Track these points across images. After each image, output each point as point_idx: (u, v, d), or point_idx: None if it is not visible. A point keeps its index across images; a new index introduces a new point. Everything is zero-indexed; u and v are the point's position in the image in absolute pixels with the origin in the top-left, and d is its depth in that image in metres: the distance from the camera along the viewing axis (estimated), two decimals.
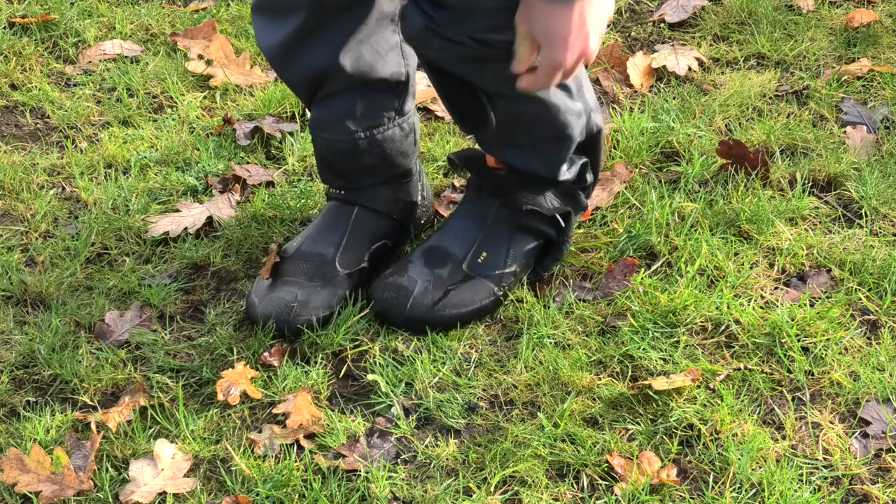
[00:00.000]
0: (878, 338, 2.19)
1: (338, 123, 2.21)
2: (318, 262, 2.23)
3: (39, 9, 3.08)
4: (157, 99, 2.83)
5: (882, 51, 2.87)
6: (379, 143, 2.23)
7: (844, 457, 1.99)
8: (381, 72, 2.17)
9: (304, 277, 2.22)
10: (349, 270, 2.23)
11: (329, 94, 2.19)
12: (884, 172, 2.51)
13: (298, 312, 2.18)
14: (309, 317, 2.18)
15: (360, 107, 2.20)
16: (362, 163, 2.24)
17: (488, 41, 1.95)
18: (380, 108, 2.21)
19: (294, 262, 2.24)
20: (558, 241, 2.27)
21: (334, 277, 2.22)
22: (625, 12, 3.06)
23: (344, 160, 2.25)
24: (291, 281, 2.21)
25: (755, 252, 2.35)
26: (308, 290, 2.20)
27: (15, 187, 2.57)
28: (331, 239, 2.26)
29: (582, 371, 2.12)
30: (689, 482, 1.97)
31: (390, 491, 1.96)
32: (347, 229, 2.26)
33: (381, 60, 2.17)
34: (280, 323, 2.17)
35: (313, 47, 2.13)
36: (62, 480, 1.97)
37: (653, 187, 2.47)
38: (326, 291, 2.21)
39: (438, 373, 2.13)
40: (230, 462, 2.01)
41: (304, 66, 2.16)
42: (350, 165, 2.25)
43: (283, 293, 2.20)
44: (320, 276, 2.22)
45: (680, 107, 2.70)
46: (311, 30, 2.12)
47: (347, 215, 2.27)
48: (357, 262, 2.25)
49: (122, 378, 2.15)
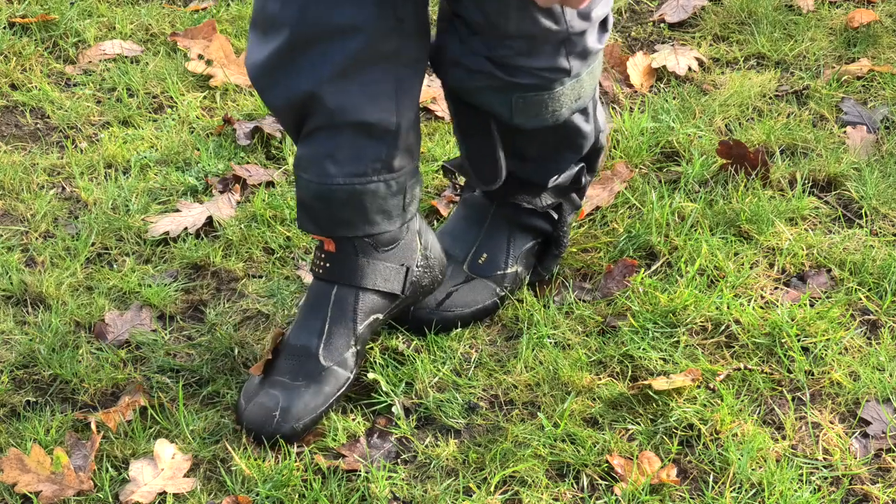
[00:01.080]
0: (878, 338, 2.19)
1: (317, 163, 2.03)
2: (303, 356, 2.07)
3: (39, 9, 3.08)
4: (157, 99, 2.83)
5: (882, 51, 2.87)
6: (359, 194, 2.03)
7: (844, 457, 1.99)
8: (366, 115, 1.99)
9: (289, 376, 2.06)
10: (335, 362, 2.07)
11: (313, 128, 2.02)
12: (884, 172, 2.51)
13: (281, 422, 2.02)
14: (290, 426, 2.02)
15: (343, 150, 2.02)
16: (338, 213, 2.06)
17: (518, 66, 1.94)
18: (364, 155, 2.02)
19: (282, 358, 2.09)
20: (555, 235, 2.26)
21: (319, 374, 2.06)
22: (625, 12, 3.06)
23: (320, 205, 2.05)
24: (277, 381, 2.06)
25: (755, 252, 2.35)
26: (292, 394, 2.04)
27: (15, 187, 2.57)
28: (313, 327, 2.08)
29: (582, 371, 2.12)
30: (689, 482, 1.97)
31: (390, 491, 1.96)
32: (328, 314, 2.08)
33: (368, 103, 1.99)
34: (261, 433, 2.02)
35: (296, 71, 1.97)
36: (62, 480, 1.97)
37: (653, 187, 2.47)
38: (310, 392, 2.05)
39: (438, 373, 2.13)
40: (230, 462, 2.01)
41: (285, 90, 1.99)
42: (326, 212, 2.06)
43: (267, 398, 2.04)
44: (304, 374, 2.06)
45: (680, 107, 2.70)
46: (294, 51, 1.96)
47: (326, 297, 2.09)
48: (344, 348, 2.08)
49: (121, 378, 2.15)
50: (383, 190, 2.04)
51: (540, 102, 2.05)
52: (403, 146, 2.04)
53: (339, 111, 1.98)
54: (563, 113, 2.08)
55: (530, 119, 2.07)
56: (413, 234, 2.12)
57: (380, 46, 1.97)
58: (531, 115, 2.07)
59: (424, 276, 2.15)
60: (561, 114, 2.08)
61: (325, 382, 2.06)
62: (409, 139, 2.04)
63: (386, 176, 2.04)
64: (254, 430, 2.03)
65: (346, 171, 2.02)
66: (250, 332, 2.23)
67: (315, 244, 2.25)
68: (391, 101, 2.00)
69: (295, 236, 2.42)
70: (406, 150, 2.05)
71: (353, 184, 2.03)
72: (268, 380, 2.07)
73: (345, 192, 2.03)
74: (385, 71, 1.98)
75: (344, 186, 2.03)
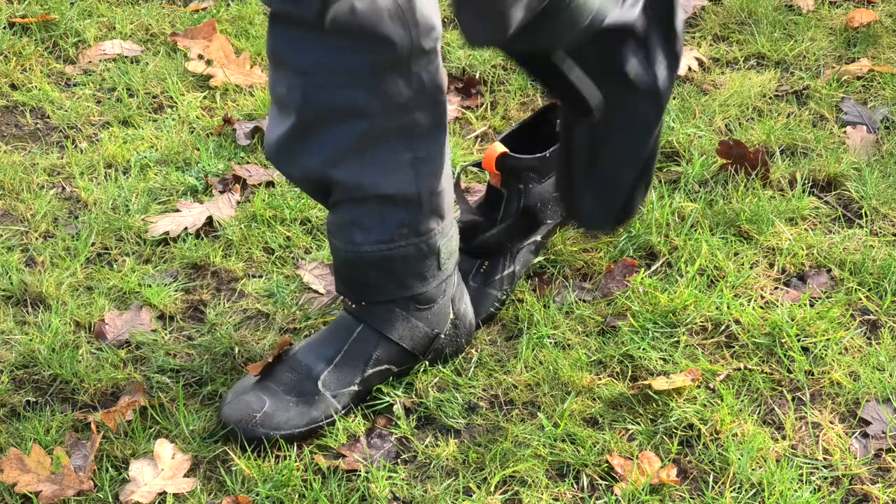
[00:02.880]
0: (878, 338, 2.19)
1: (344, 231, 2.02)
2: (304, 374, 2.05)
3: (39, 9, 3.08)
4: (157, 99, 2.83)
5: (882, 51, 2.87)
6: (388, 259, 2.02)
7: (844, 457, 1.99)
8: (385, 188, 1.98)
9: (284, 388, 2.04)
10: (333, 392, 2.05)
11: (336, 201, 2.01)
12: (884, 172, 2.51)
13: (259, 423, 2.01)
14: (267, 432, 2.00)
15: (368, 218, 2.00)
16: (369, 278, 2.04)
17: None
18: (390, 222, 2.01)
19: (282, 368, 2.07)
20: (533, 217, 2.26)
21: (312, 396, 2.04)
22: None
23: (350, 271, 2.05)
24: (270, 387, 2.05)
25: (755, 252, 2.35)
26: (279, 403, 2.03)
27: (15, 187, 2.57)
28: (325, 353, 2.07)
29: (582, 371, 2.12)
30: (689, 482, 1.97)
31: (390, 491, 1.96)
32: (344, 347, 2.07)
33: (384, 177, 1.98)
34: (238, 429, 2.01)
35: (308, 151, 1.97)
36: (62, 480, 1.97)
37: (653, 187, 2.47)
38: (297, 410, 2.03)
39: (439, 372, 2.13)
40: (230, 462, 2.01)
41: (301, 168, 2.00)
42: (356, 277, 2.05)
43: (254, 399, 2.03)
44: (297, 391, 2.04)
45: (680, 107, 2.70)
46: (304, 132, 1.96)
47: (349, 331, 2.07)
48: (345, 384, 2.06)
49: (121, 378, 2.15)
50: (413, 253, 2.03)
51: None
52: (429, 210, 2.02)
53: (357, 187, 1.98)
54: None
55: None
56: (447, 300, 2.11)
57: (388, 124, 1.95)
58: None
59: (449, 344, 2.13)
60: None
61: (315, 407, 2.04)
62: (435, 202, 2.02)
63: (414, 240, 2.02)
64: (230, 425, 2.02)
65: (373, 238, 2.01)
66: (250, 332, 2.23)
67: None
68: (409, 172, 1.98)
69: (295, 236, 2.42)
70: (433, 212, 2.02)
71: (381, 250, 2.02)
72: (261, 384, 2.06)
73: (373, 258, 2.02)
74: (397, 145, 1.97)
75: (372, 253, 2.02)
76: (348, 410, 2.07)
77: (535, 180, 2.23)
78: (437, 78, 1.97)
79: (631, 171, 2.02)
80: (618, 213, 2.06)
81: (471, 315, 2.16)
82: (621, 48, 1.92)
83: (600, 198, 2.04)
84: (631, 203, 2.04)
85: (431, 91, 1.96)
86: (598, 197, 2.04)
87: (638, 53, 1.95)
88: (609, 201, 2.04)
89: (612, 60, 1.93)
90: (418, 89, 1.94)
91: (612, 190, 2.03)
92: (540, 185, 2.24)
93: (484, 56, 2.86)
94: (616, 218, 2.07)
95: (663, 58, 1.97)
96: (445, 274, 2.08)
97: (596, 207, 2.05)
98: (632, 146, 2.00)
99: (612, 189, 2.03)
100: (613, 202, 2.04)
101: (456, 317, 2.12)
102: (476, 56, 2.86)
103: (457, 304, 2.13)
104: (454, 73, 2.85)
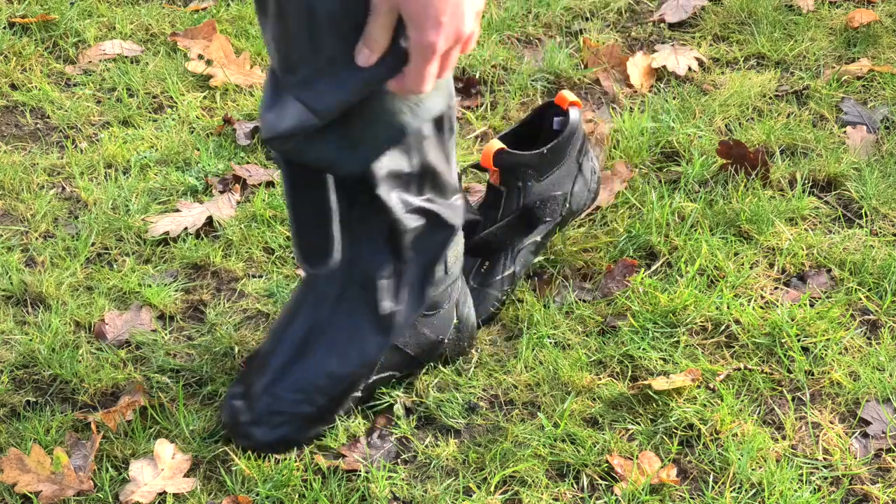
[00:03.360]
0: (878, 338, 2.19)
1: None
2: None
3: (39, 9, 3.08)
4: (157, 99, 2.83)
5: (882, 51, 2.87)
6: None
7: (844, 457, 1.99)
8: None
9: None
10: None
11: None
12: (884, 172, 2.51)
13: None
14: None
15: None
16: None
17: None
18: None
19: None
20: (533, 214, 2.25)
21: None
22: (625, 12, 3.06)
23: None
24: None
25: (755, 252, 2.35)
26: None
27: (15, 187, 2.57)
28: None
29: (582, 371, 2.12)
30: (689, 482, 1.97)
31: (390, 491, 1.96)
32: None
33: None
34: (230, 428, 2.02)
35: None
36: (62, 480, 1.97)
37: (653, 187, 2.47)
38: None
39: (439, 372, 2.13)
40: (230, 462, 2.01)
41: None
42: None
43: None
44: None
45: (680, 107, 2.70)
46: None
47: None
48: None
49: (121, 378, 2.15)
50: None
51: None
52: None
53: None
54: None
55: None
56: (452, 305, 2.10)
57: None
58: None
59: (453, 348, 2.13)
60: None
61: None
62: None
63: None
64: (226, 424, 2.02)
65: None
66: (250, 332, 2.23)
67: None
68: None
69: None
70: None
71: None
72: None
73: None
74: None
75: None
76: (349, 412, 2.07)
77: (533, 178, 2.23)
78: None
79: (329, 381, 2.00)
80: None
81: (473, 318, 2.16)
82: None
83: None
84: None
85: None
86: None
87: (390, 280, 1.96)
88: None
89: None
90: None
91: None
92: (539, 183, 2.24)
93: (484, 56, 2.86)
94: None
95: (408, 295, 1.98)
96: (452, 278, 2.07)
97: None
98: (343, 359, 1.99)
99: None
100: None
101: (459, 321, 2.12)
102: (476, 56, 2.86)
103: (460, 308, 2.12)
104: (454, 74, 2.85)
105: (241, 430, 1.99)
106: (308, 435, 2.01)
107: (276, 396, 1.98)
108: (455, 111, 1.92)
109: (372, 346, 1.99)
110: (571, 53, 2.87)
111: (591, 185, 2.33)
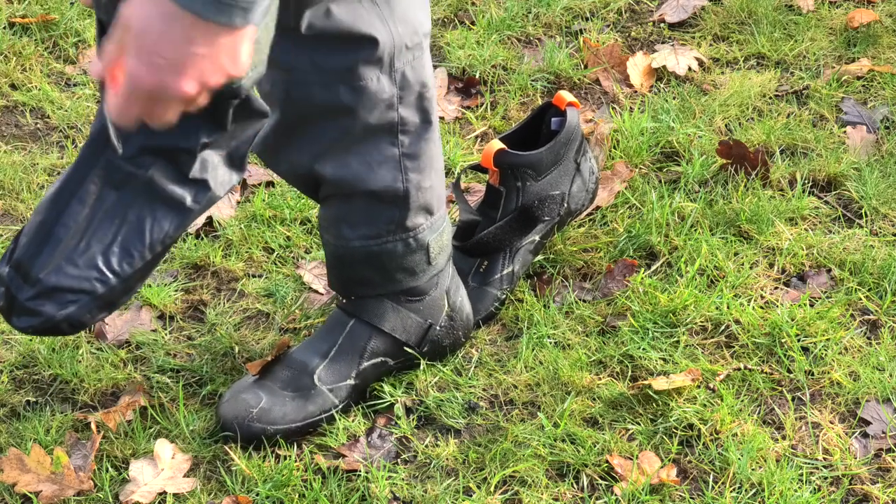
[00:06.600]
0: (878, 338, 2.19)
1: (333, 226, 2.04)
2: (300, 370, 2.07)
3: (39, 9, 3.08)
4: None
5: (882, 51, 2.87)
6: (376, 254, 2.04)
7: (844, 457, 1.99)
8: (371, 184, 1.98)
9: (280, 384, 2.06)
10: (330, 386, 2.06)
11: (326, 195, 2.03)
12: (884, 172, 2.51)
13: (255, 419, 2.02)
14: (264, 427, 2.02)
15: (356, 213, 2.01)
16: (357, 273, 2.06)
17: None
18: (378, 218, 2.02)
19: (279, 367, 2.08)
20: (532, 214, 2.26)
21: (309, 390, 2.05)
22: (625, 12, 3.06)
23: (339, 265, 2.07)
24: (267, 385, 2.06)
25: (755, 252, 2.35)
26: (275, 399, 2.04)
27: (15, 187, 2.57)
28: (319, 348, 2.08)
29: (582, 371, 2.12)
30: (689, 482, 1.97)
31: (390, 491, 1.96)
32: (338, 341, 2.08)
33: (372, 172, 1.98)
34: (235, 427, 2.03)
35: (294, 147, 1.98)
36: (62, 480, 1.97)
37: (653, 187, 2.47)
38: (294, 404, 2.04)
39: (439, 372, 2.13)
40: (230, 462, 2.01)
41: (288, 165, 2.02)
42: (345, 272, 2.07)
43: (251, 396, 2.04)
44: (294, 386, 2.06)
45: (680, 107, 2.70)
46: (288, 129, 1.97)
47: (342, 326, 2.09)
48: (342, 377, 2.07)
49: (122, 378, 2.15)
50: (401, 249, 2.04)
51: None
52: (417, 206, 2.02)
53: (343, 183, 1.98)
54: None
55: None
56: (441, 293, 2.11)
57: (372, 120, 1.94)
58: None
59: (446, 336, 2.14)
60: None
61: (311, 402, 2.05)
62: (423, 198, 2.02)
63: (402, 235, 2.03)
64: (226, 422, 2.03)
65: (361, 233, 2.02)
66: (250, 332, 2.23)
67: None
68: (394, 168, 1.99)
69: (295, 236, 2.42)
70: (421, 208, 2.03)
71: (369, 245, 2.03)
72: (259, 382, 2.07)
73: (361, 253, 2.04)
74: (382, 141, 1.97)
75: (360, 248, 2.03)
76: (346, 406, 2.07)
77: (532, 177, 2.23)
78: (423, 74, 1.96)
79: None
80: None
81: (468, 308, 2.16)
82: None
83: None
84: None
85: (416, 87, 1.96)
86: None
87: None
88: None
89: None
90: (402, 86, 1.94)
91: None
92: (537, 182, 2.24)
93: (484, 56, 2.86)
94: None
95: (225, 171, 1.77)
96: (436, 269, 2.09)
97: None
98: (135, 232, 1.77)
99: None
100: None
101: (452, 309, 2.13)
102: (476, 56, 2.86)
103: (452, 296, 2.13)
104: (454, 74, 2.85)
105: (24, 307, 1.76)
106: (96, 318, 1.80)
107: (64, 272, 1.76)
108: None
109: (167, 223, 1.77)
110: (571, 53, 2.87)
111: (590, 185, 2.34)
